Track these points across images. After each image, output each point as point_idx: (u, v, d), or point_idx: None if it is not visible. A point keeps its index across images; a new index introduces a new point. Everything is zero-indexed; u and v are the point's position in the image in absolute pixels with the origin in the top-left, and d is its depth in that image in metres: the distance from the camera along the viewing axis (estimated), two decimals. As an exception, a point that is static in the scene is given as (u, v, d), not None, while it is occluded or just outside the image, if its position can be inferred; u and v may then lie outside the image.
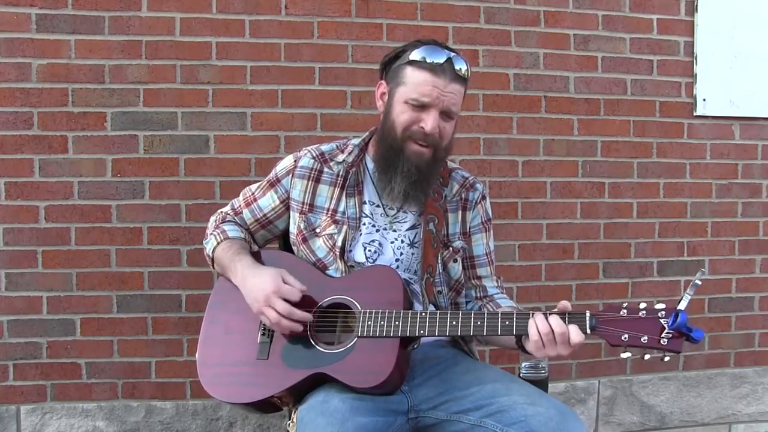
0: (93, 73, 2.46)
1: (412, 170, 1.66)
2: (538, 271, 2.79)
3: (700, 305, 2.91)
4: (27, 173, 2.46)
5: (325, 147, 1.82)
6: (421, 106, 1.64)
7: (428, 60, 1.64)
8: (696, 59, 2.88)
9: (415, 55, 1.65)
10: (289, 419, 1.63)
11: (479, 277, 1.83)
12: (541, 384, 2.03)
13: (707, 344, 2.93)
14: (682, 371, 2.94)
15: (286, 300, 1.57)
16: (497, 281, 1.86)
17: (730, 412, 3.00)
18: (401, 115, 1.66)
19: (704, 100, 2.89)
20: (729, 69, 2.91)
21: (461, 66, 1.66)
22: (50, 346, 2.49)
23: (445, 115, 1.66)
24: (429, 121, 1.63)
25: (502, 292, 1.85)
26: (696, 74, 2.88)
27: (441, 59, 1.64)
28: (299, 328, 1.58)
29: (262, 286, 1.59)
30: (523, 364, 2.05)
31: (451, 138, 1.72)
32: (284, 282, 1.60)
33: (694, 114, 2.89)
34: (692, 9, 2.87)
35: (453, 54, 1.66)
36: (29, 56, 2.43)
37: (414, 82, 1.64)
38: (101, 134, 2.48)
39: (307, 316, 1.58)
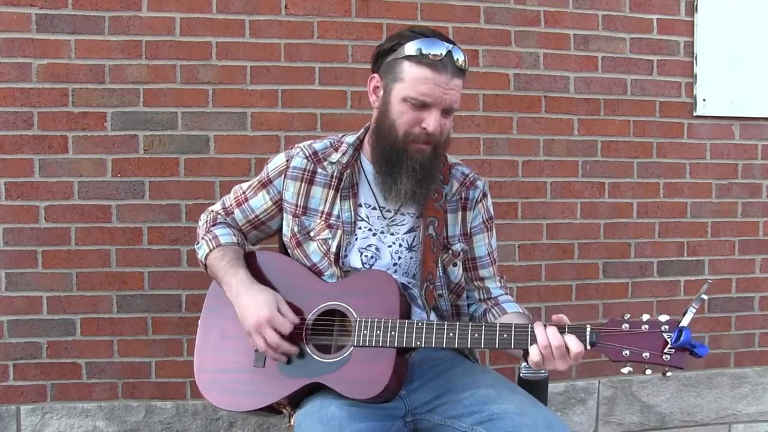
0: (93, 73, 2.46)
1: (416, 168, 1.60)
2: (538, 271, 2.79)
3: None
4: (27, 173, 2.46)
5: (318, 145, 1.75)
6: (422, 105, 1.56)
7: (425, 52, 1.55)
8: (696, 59, 2.88)
9: (412, 48, 1.56)
10: (288, 421, 1.63)
11: (482, 279, 1.78)
12: (541, 384, 2.03)
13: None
14: (682, 371, 2.94)
15: (277, 330, 1.54)
16: (500, 281, 1.81)
17: (730, 412, 3.00)
18: (402, 116, 1.58)
19: (704, 100, 2.89)
20: (729, 69, 2.91)
21: (459, 57, 1.58)
22: (50, 346, 2.49)
23: (446, 112, 1.59)
24: (431, 122, 1.56)
25: (506, 293, 1.80)
26: (696, 74, 2.88)
27: (440, 52, 1.55)
28: (283, 359, 1.57)
29: (256, 311, 1.55)
30: (523, 365, 2.04)
31: (449, 133, 1.66)
32: (279, 310, 1.56)
33: (694, 114, 2.89)
34: (692, 9, 2.87)
35: (451, 45, 1.57)
36: (29, 56, 2.43)
37: (413, 78, 1.56)
38: (101, 134, 2.48)
39: (293, 349, 1.56)
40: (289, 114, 2.59)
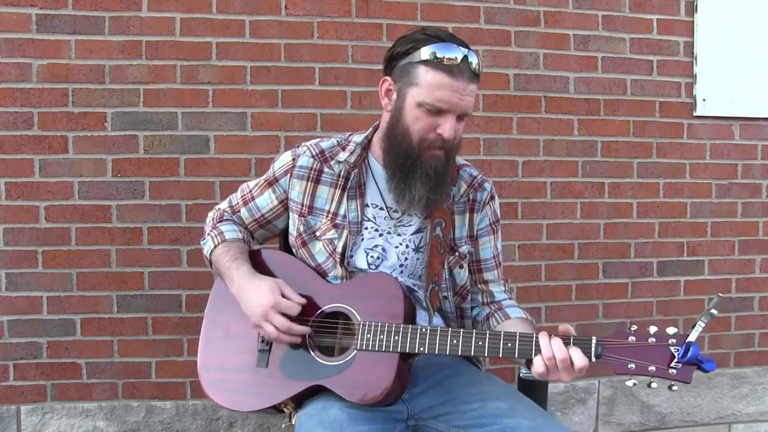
0: (93, 73, 2.46)
1: (431, 174, 1.58)
2: (538, 271, 2.79)
3: (700, 306, 2.91)
4: (27, 173, 2.46)
5: (325, 144, 1.73)
6: (438, 111, 1.54)
7: (441, 56, 1.52)
8: (696, 59, 2.88)
9: (427, 52, 1.53)
10: (289, 420, 1.63)
11: (486, 282, 1.77)
12: (541, 384, 2.02)
13: (707, 344, 2.93)
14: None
15: (284, 314, 1.54)
16: (504, 285, 1.80)
17: (730, 412, 3.00)
18: (416, 122, 1.55)
19: (704, 100, 2.89)
20: (729, 69, 2.91)
21: (474, 60, 1.55)
22: (50, 346, 2.49)
23: (460, 117, 1.57)
24: (447, 128, 1.54)
25: (510, 298, 1.79)
26: (696, 74, 2.88)
27: (457, 57, 1.52)
28: (297, 340, 1.56)
29: (259, 300, 1.55)
30: (524, 369, 2.03)
31: (461, 136, 1.64)
32: (283, 295, 1.56)
33: (694, 114, 2.89)
34: (692, 9, 2.87)
35: (467, 50, 1.55)
36: (29, 56, 2.43)
37: (429, 84, 1.53)
38: (101, 134, 2.48)
39: (305, 329, 1.55)
40: (289, 114, 2.59)
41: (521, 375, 2.02)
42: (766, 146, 2.98)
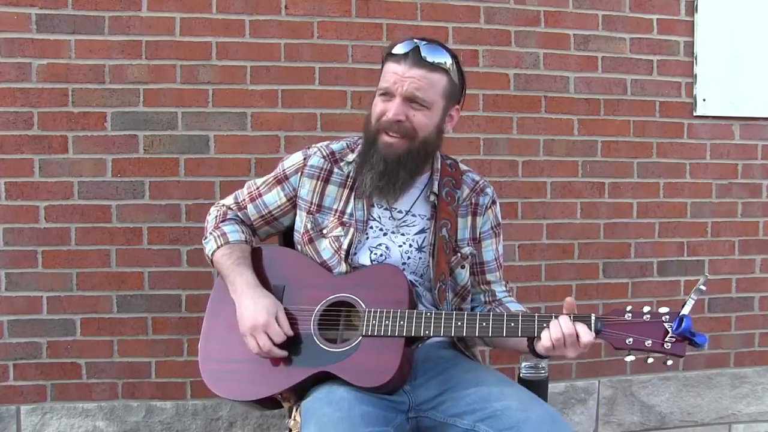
0: (93, 73, 2.46)
1: (379, 161, 1.65)
2: (538, 271, 2.79)
3: (700, 305, 2.91)
4: (27, 173, 2.45)
5: (335, 146, 1.80)
6: (388, 95, 1.65)
7: (395, 51, 1.66)
8: (696, 59, 2.88)
9: (389, 51, 1.69)
10: (290, 417, 1.63)
11: (488, 282, 1.84)
12: (541, 384, 2.03)
13: (707, 344, 2.93)
14: (682, 371, 2.94)
15: (269, 337, 1.58)
16: (505, 285, 1.87)
17: (730, 412, 3.00)
18: (375, 108, 1.68)
19: (704, 100, 2.89)
20: (729, 69, 2.91)
21: (427, 54, 1.64)
22: (50, 346, 2.49)
23: (411, 101, 1.64)
24: (392, 108, 1.63)
25: (510, 295, 1.86)
26: (696, 74, 2.88)
27: (406, 49, 1.64)
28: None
29: (255, 314, 1.59)
30: (523, 364, 2.05)
31: (430, 130, 1.68)
32: (277, 320, 1.60)
33: (694, 114, 2.89)
34: (692, 9, 2.87)
35: (424, 43, 1.65)
36: (29, 56, 2.43)
37: (384, 73, 1.68)
38: (101, 134, 2.48)
39: (282, 353, 1.59)
40: (289, 114, 2.59)
41: (521, 375, 2.04)
42: (766, 146, 2.98)
